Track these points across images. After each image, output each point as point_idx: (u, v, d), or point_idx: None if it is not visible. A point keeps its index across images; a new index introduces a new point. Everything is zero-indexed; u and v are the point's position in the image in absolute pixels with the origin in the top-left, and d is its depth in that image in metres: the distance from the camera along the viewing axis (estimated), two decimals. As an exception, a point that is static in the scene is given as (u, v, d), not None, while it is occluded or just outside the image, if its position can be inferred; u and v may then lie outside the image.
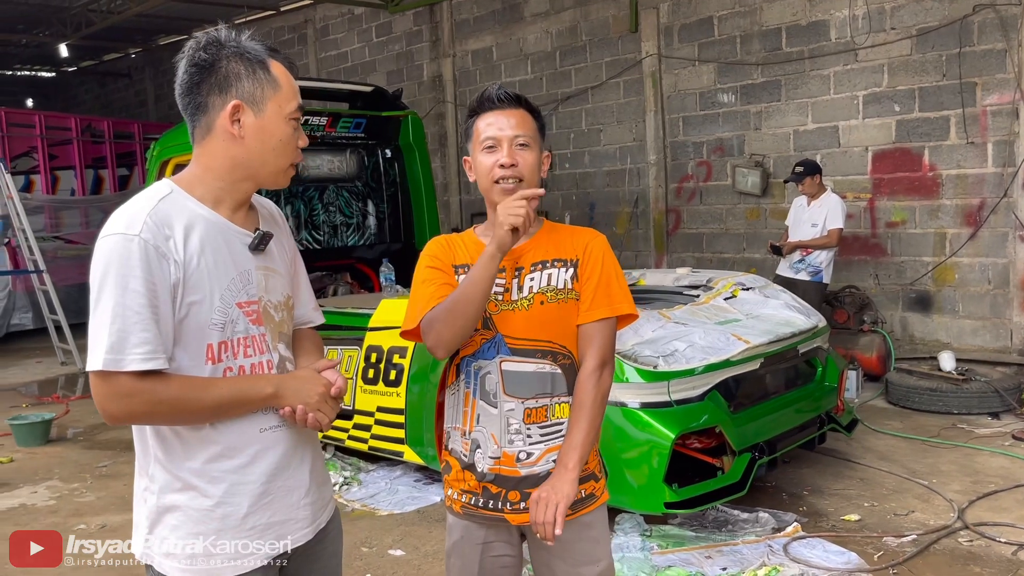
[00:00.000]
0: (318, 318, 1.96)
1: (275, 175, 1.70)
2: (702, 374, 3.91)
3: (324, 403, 1.69)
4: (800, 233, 6.71)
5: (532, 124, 1.99)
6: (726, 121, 8.37)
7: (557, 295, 1.95)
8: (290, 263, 1.86)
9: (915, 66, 7.04)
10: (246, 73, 1.63)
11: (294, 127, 1.68)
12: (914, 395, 6.12)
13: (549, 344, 1.95)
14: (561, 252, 1.99)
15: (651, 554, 3.70)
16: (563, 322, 1.96)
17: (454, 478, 2.03)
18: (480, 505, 1.99)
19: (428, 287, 1.96)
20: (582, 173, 9.82)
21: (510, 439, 1.95)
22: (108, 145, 12.67)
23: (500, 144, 1.95)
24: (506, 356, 1.95)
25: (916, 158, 7.13)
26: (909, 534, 3.90)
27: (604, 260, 1.99)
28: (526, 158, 1.95)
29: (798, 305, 4.88)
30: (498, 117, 1.96)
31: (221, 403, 1.61)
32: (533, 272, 1.97)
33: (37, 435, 6.00)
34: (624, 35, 9.10)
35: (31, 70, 19.69)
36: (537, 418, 1.95)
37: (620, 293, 2.00)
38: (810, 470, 4.83)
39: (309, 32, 13.17)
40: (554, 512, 1.81)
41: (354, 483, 4.84)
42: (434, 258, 2.01)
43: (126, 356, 1.51)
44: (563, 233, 2.04)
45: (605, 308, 1.97)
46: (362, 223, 7.01)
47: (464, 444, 1.99)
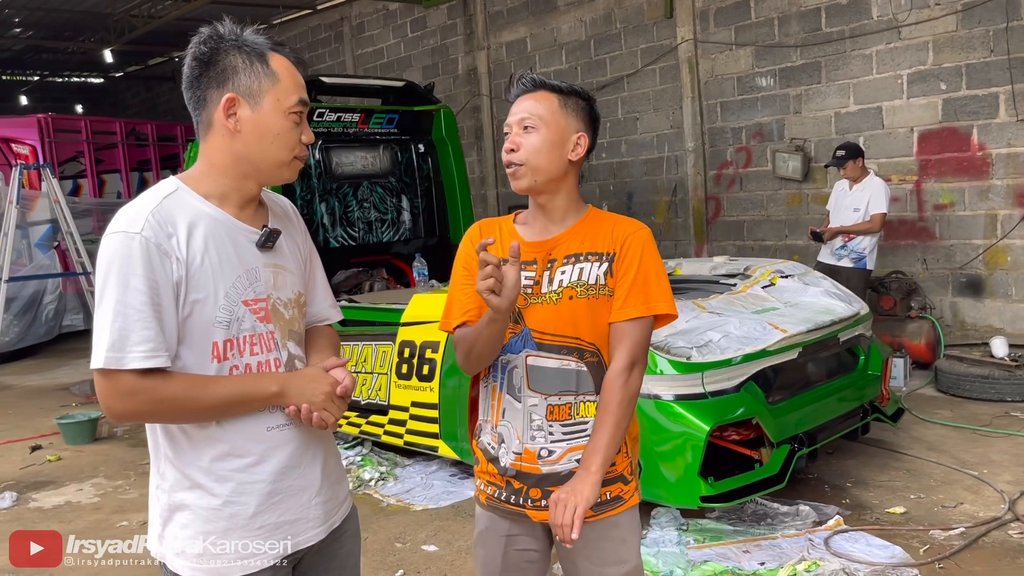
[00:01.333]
0: (335, 315, 1.93)
1: (276, 169, 1.67)
2: (737, 365, 3.82)
3: (330, 402, 1.66)
4: (842, 218, 6.53)
5: (550, 103, 1.89)
6: (765, 105, 8.20)
7: (587, 290, 1.87)
8: (303, 261, 1.84)
9: (961, 42, 6.80)
10: (243, 66, 1.61)
11: (294, 121, 1.65)
12: (965, 383, 5.92)
13: (576, 340, 1.88)
14: (597, 245, 1.90)
15: (687, 548, 3.63)
16: (593, 319, 1.88)
17: (481, 469, 2.01)
18: (503, 499, 1.96)
19: (462, 292, 1.94)
20: (619, 163, 9.71)
21: (532, 435, 1.90)
22: (152, 148, 12.91)
23: (510, 129, 1.90)
24: (532, 350, 1.89)
25: (964, 137, 6.90)
26: (957, 527, 3.77)
27: (643, 255, 1.88)
28: (528, 140, 1.87)
29: (839, 292, 4.74)
30: (519, 103, 1.92)
31: (224, 401, 1.59)
32: (565, 265, 1.89)
33: (84, 433, 6.13)
34: (659, 21, 8.96)
35: (80, 76, 20.19)
36: (560, 415, 1.90)
37: (658, 291, 1.89)
38: (854, 461, 4.70)
39: (345, 29, 13.25)
40: (572, 514, 1.76)
41: (390, 478, 4.85)
42: (468, 255, 1.97)
43: (127, 354, 1.50)
44: (604, 223, 1.94)
45: (640, 306, 1.87)
46: (396, 219, 7.02)
47: (492, 437, 1.97)
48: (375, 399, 4.99)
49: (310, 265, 1.88)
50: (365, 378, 5.03)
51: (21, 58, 17.58)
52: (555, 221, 1.94)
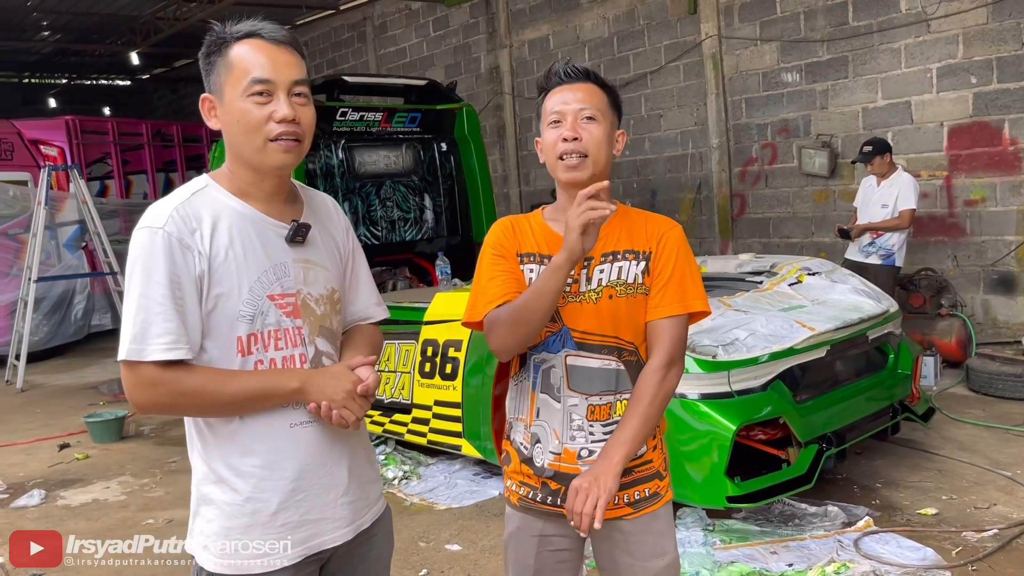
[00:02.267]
0: (379, 313, 1.92)
1: (255, 155, 1.62)
2: (764, 363, 3.77)
3: (351, 401, 1.64)
4: (869, 215, 6.43)
5: (602, 98, 1.88)
6: (791, 101, 8.10)
7: (627, 289, 1.86)
8: (343, 257, 1.83)
9: (992, 35, 6.67)
10: (210, 66, 1.64)
11: (255, 103, 1.59)
12: (997, 381, 5.81)
13: (616, 340, 1.87)
14: (634, 243, 1.89)
15: (713, 549, 3.59)
16: (632, 317, 1.87)
17: (513, 469, 1.98)
18: (538, 499, 1.93)
19: (494, 282, 1.88)
20: (643, 160, 9.65)
21: (572, 435, 1.88)
22: (177, 149, 13.04)
23: (565, 118, 1.84)
24: (571, 350, 1.87)
25: (995, 132, 6.77)
26: (990, 528, 3.69)
27: (679, 253, 1.89)
28: (592, 131, 1.84)
29: (867, 289, 4.67)
30: (565, 92, 1.86)
31: (244, 396, 1.59)
32: (603, 264, 1.87)
33: (111, 432, 6.19)
34: (683, 17, 8.88)
35: (108, 79, 20.44)
36: (600, 415, 1.88)
37: (694, 289, 1.89)
38: (884, 462, 4.62)
39: (368, 29, 13.29)
40: (594, 505, 1.73)
41: (413, 477, 4.84)
42: (499, 246, 1.92)
43: (148, 346, 1.53)
44: (637, 220, 1.92)
45: (677, 304, 1.86)
46: (419, 217, 7.01)
47: (525, 436, 1.94)
48: (398, 398, 4.98)
49: (353, 262, 1.87)
50: (388, 377, 5.03)
51: (50, 61, 17.82)
52: None
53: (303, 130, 1.64)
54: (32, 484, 5.17)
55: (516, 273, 1.89)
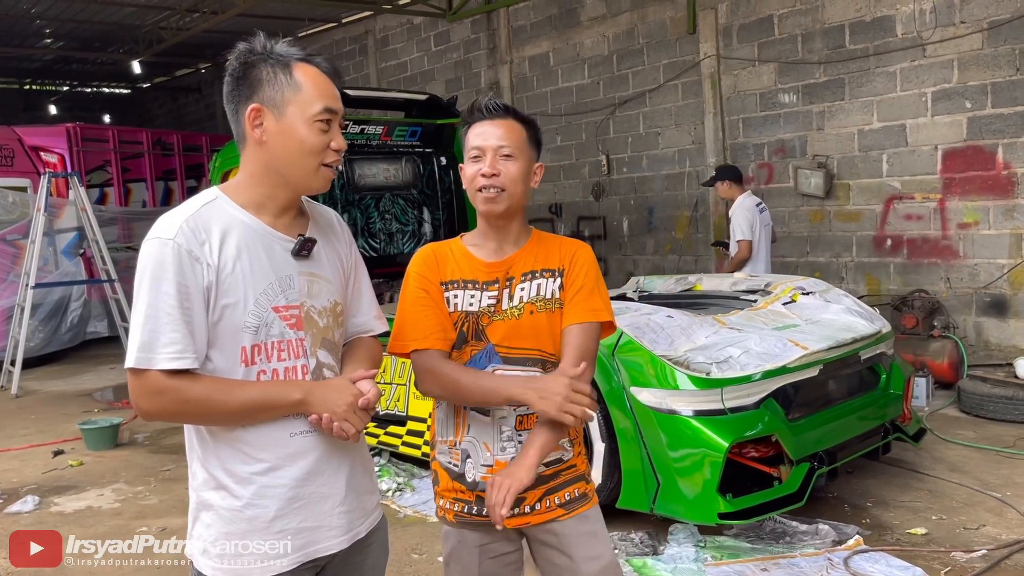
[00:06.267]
0: (379, 327, 1.96)
1: (304, 178, 1.70)
2: (757, 381, 3.80)
3: (352, 413, 1.68)
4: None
5: (521, 135, 2.00)
6: (787, 122, 8.18)
7: (546, 304, 2.01)
8: (346, 270, 1.87)
9: (987, 60, 6.75)
10: (268, 78, 1.66)
11: (320, 129, 1.67)
12: (988, 403, 5.85)
13: (539, 352, 2.00)
14: (549, 262, 2.04)
15: (704, 565, 3.61)
16: (551, 330, 2.01)
17: (445, 488, 2.07)
18: (474, 512, 2.02)
19: (420, 314, 2.00)
20: (640, 177, 9.71)
21: (502, 446, 2.00)
22: (177, 157, 13.08)
23: (484, 154, 1.97)
24: (498, 365, 2.00)
25: (989, 156, 6.84)
26: (979, 549, 3.72)
27: (588, 269, 2.04)
28: (508, 168, 1.97)
29: (860, 310, 4.72)
30: (485, 127, 1.98)
31: (247, 406, 1.63)
32: (523, 282, 2.02)
33: (106, 439, 6.19)
34: (682, 37, 8.97)
35: (108, 87, 20.51)
36: (529, 424, 1.99)
37: (601, 302, 2.04)
38: (875, 481, 4.65)
39: (369, 43, 13.37)
40: (504, 494, 1.85)
41: (407, 489, 4.85)
42: (421, 277, 2.04)
43: (156, 355, 1.57)
44: (551, 243, 2.08)
45: (587, 313, 2.00)
46: (418, 230, 7.05)
47: (454, 455, 2.03)
48: (393, 410, 5.01)
49: (355, 276, 1.91)
50: (384, 388, 5.05)
51: (51, 68, 17.88)
52: (510, 242, 2.05)
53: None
54: (26, 490, 5.17)
55: (439, 306, 2.01)
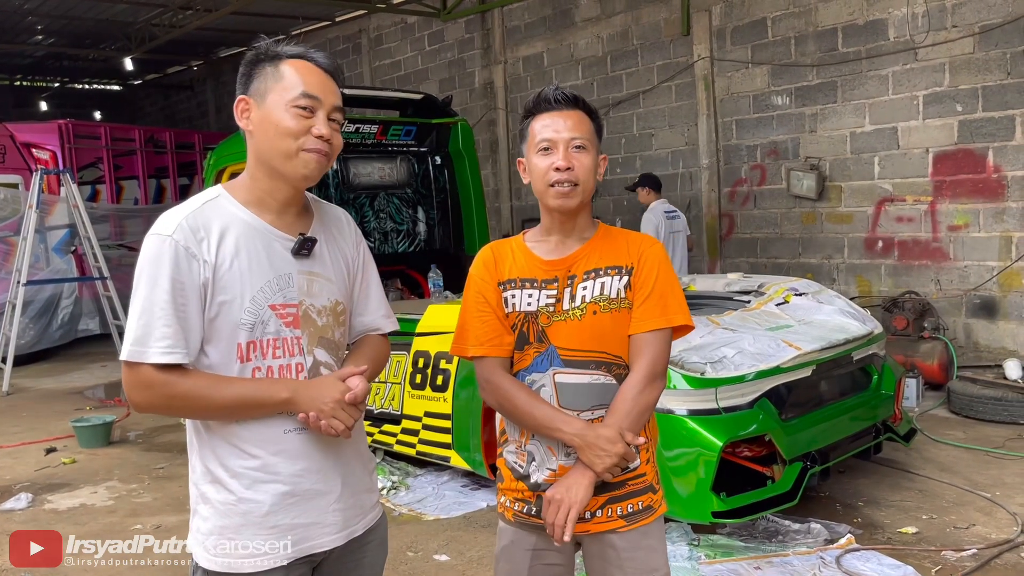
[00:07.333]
0: (388, 325, 1.96)
1: (283, 162, 1.69)
2: (751, 381, 3.84)
3: (339, 410, 1.68)
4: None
5: (589, 126, 1.92)
6: (780, 124, 8.23)
7: (610, 304, 1.90)
8: (351, 270, 1.87)
9: (978, 64, 6.81)
10: (258, 73, 1.71)
11: (298, 114, 1.67)
12: (978, 404, 5.91)
13: (603, 355, 1.91)
14: (615, 259, 1.93)
15: (698, 564, 3.64)
16: (617, 332, 1.91)
17: (507, 487, 2.01)
18: (534, 514, 1.96)
19: (478, 320, 1.95)
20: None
21: (567, 451, 1.90)
22: (170, 155, 13.03)
23: (556, 146, 1.88)
24: (559, 368, 1.91)
25: (980, 159, 6.90)
26: (969, 548, 3.76)
27: (660, 269, 1.93)
28: (582, 161, 1.89)
29: (852, 311, 4.76)
30: (554, 118, 1.90)
31: (234, 403, 1.65)
32: (586, 280, 1.92)
33: (99, 437, 6.18)
34: (676, 38, 9.01)
35: (100, 84, 20.41)
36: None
37: (675, 304, 1.93)
38: (866, 481, 4.69)
39: (363, 42, 13.36)
40: (566, 516, 1.81)
41: (402, 487, 4.87)
42: (479, 279, 1.98)
43: (148, 348, 1.59)
44: (618, 239, 1.98)
45: (659, 318, 1.90)
46: (412, 229, 7.06)
47: (520, 456, 1.97)
48: (388, 408, 5.02)
49: (363, 275, 1.91)
50: (379, 387, 5.06)
51: (43, 64, 17.78)
52: (574, 237, 1.96)
53: (331, 150, 1.72)
54: (19, 487, 5.16)
55: (497, 310, 1.95)
